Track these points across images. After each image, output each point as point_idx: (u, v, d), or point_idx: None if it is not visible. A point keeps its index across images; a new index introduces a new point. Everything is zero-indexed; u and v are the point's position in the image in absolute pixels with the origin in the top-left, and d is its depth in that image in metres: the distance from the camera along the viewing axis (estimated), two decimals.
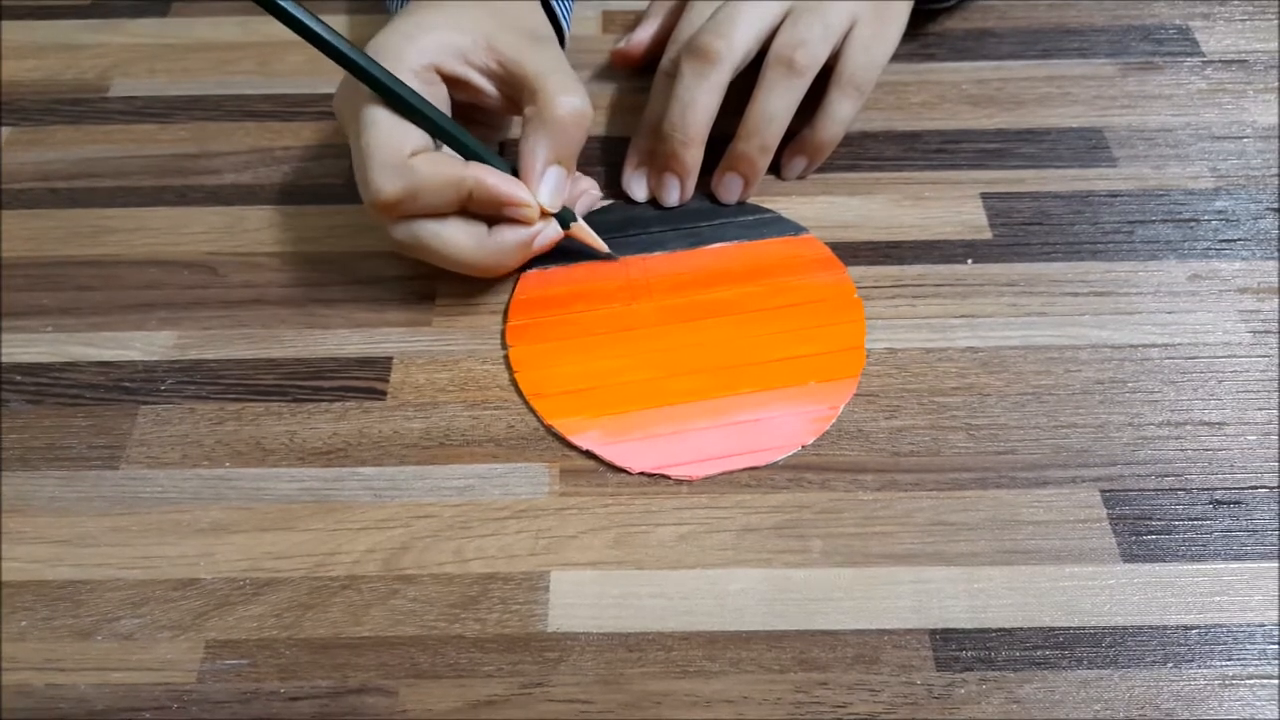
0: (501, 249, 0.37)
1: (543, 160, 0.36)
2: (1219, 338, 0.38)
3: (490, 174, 0.35)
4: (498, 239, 0.37)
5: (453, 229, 0.36)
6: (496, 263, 0.37)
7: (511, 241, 0.37)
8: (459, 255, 0.36)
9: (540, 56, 0.37)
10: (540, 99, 0.36)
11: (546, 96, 0.36)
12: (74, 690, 0.30)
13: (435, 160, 0.35)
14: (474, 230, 0.36)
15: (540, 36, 0.38)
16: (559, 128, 0.36)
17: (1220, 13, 0.50)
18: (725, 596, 0.32)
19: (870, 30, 0.41)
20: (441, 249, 0.36)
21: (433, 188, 0.34)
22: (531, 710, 0.30)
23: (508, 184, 0.36)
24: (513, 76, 0.37)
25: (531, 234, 0.37)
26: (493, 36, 0.37)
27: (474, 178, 0.35)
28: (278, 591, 0.32)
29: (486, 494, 0.34)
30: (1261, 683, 0.30)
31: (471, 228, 0.36)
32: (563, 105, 0.36)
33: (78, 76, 0.48)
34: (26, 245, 0.41)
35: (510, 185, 0.36)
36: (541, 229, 0.37)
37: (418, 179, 0.34)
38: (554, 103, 0.36)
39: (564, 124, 0.36)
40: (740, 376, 0.37)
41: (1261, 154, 0.44)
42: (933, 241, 0.41)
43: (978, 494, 0.34)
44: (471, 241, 0.36)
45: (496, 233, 0.37)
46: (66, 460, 0.35)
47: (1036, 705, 0.30)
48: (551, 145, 0.36)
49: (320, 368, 0.37)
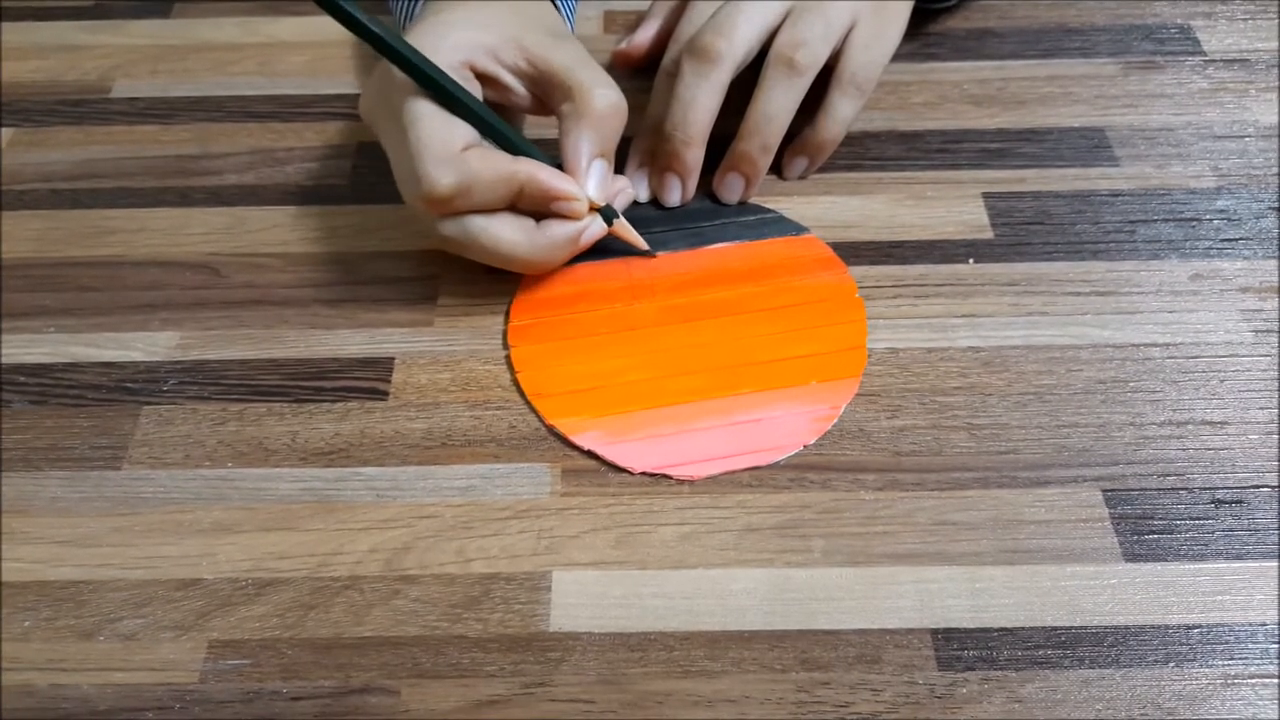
0: (552, 243, 0.37)
1: (587, 154, 0.36)
2: (1221, 337, 0.38)
3: (541, 169, 0.36)
4: (547, 234, 0.37)
5: (502, 224, 0.36)
6: (546, 258, 0.37)
7: (561, 236, 0.37)
8: (511, 250, 0.36)
9: (568, 53, 0.37)
10: (577, 95, 0.36)
11: (583, 91, 0.36)
12: (77, 690, 0.30)
13: (488, 155, 0.35)
14: (523, 225, 0.36)
15: (562, 34, 0.39)
16: (599, 121, 0.36)
17: (1222, 12, 0.50)
18: (727, 596, 0.32)
19: (871, 30, 0.41)
20: (492, 244, 0.36)
21: (486, 182, 0.34)
22: (533, 710, 0.30)
23: (559, 178, 0.36)
24: (542, 75, 0.37)
25: (580, 228, 0.37)
26: (520, 35, 0.37)
27: (526, 172, 0.35)
28: (280, 591, 0.32)
29: (488, 494, 0.34)
30: (1263, 682, 0.30)
31: (521, 223, 0.36)
32: (601, 99, 0.36)
33: (80, 77, 0.48)
34: (29, 246, 0.41)
35: (561, 180, 0.36)
36: (588, 224, 0.37)
37: (471, 172, 0.34)
38: (592, 96, 0.36)
39: (603, 117, 0.36)
40: (742, 376, 0.37)
41: (1263, 153, 0.44)
42: (934, 241, 0.41)
43: (979, 493, 0.34)
44: (522, 237, 0.36)
45: (545, 227, 0.37)
46: (69, 461, 0.35)
47: (1038, 705, 0.30)
48: (594, 139, 0.36)
49: (322, 368, 0.37)
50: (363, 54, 0.48)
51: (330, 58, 0.49)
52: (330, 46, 0.49)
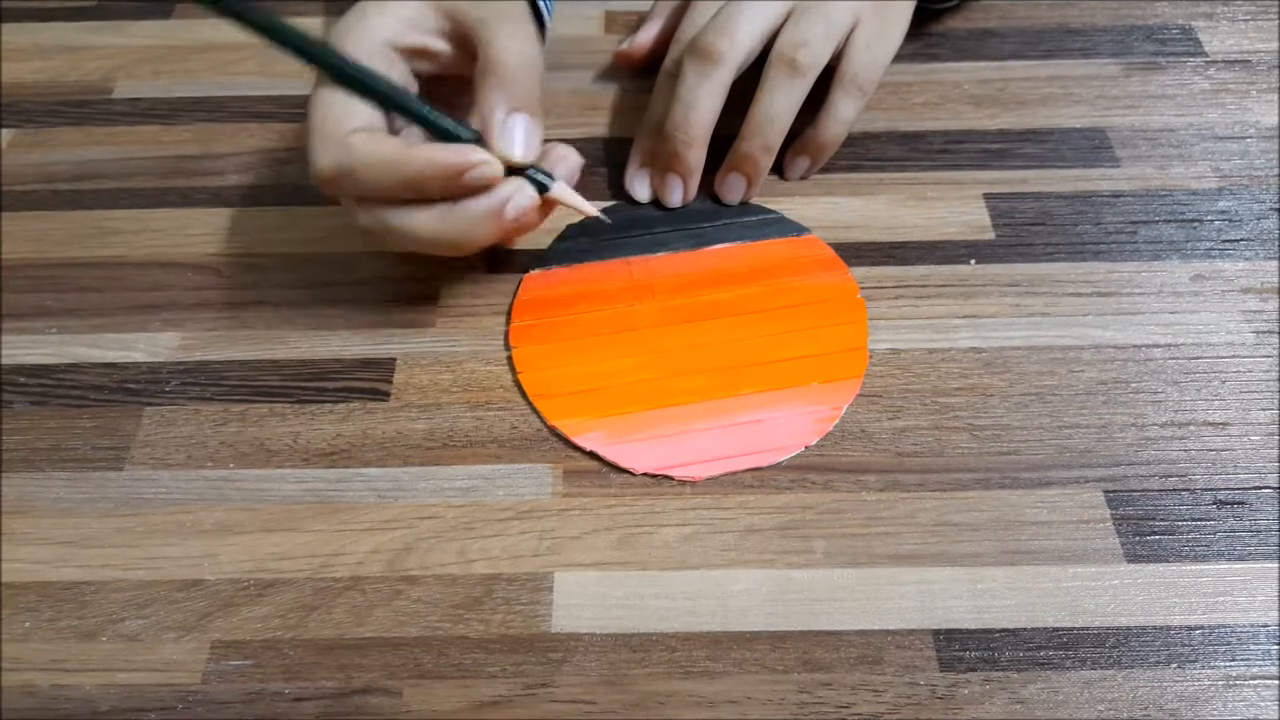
0: (470, 218, 0.34)
1: (500, 110, 0.34)
2: (1222, 338, 0.38)
3: (438, 148, 0.33)
4: (463, 209, 0.34)
5: (417, 209, 0.34)
6: (463, 235, 0.34)
7: (479, 210, 0.34)
8: (425, 231, 0.34)
9: (488, 6, 0.35)
10: (483, 47, 0.34)
11: (488, 42, 0.34)
12: (79, 691, 0.30)
13: (376, 139, 0.33)
14: (439, 206, 0.34)
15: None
16: (507, 74, 0.34)
17: (1223, 13, 0.50)
18: (729, 597, 0.32)
19: (872, 30, 0.41)
20: (405, 228, 0.34)
21: (371, 164, 0.33)
22: (535, 711, 0.30)
23: (456, 149, 0.33)
24: (461, 29, 0.35)
25: (501, 199, 0.34)
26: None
27: (422, 157, 0.33)
28: (282, 592, 0.32)
29: (490, 495, 0.34)
30: (1265, 683, 0.30)
31: (437, 205, 0.34)
32: (506, 50, 0.34)
33: (81, 78, 0.48)
34: (30, 247, 0.41)
35: (458, 150, 0.33)
36: (512, 193, 0.34)
37: (355, 156, 0.33)
38: (496, 47, 0.34)
39: (509, 68, 0.34)
40: (743, 377, 0.37)
41: (1265, 154, 0.44)
42: (936, 242, 0.41)
43: (981, 494, 0.34)
44: (434, 216, 0.34)
45: (462, 205, 0.34)
46: (71, 461, 0.35)
47: (1040, 705, 0.30)
48: (504, 93, 0.34)
49: (324, 369, 0.37)
50: None
51: None
52: None
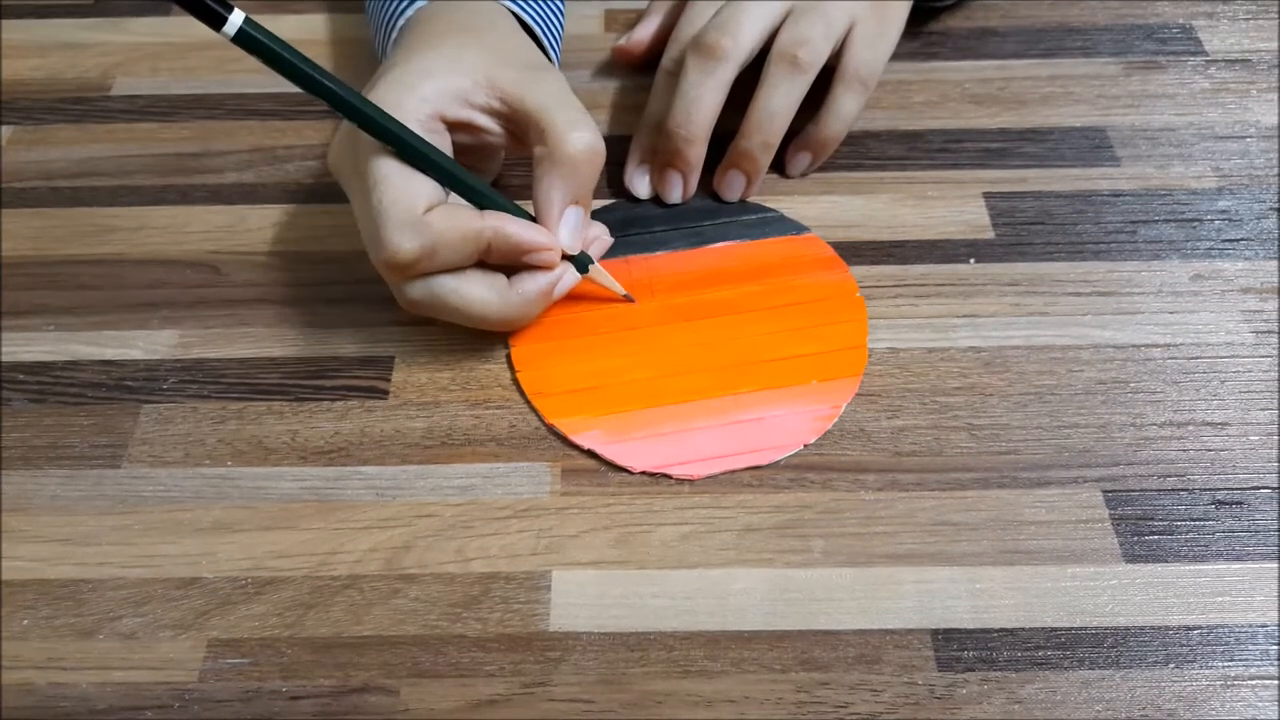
0: (525, 300, 0.35)
1: (560, 202, 0.35)
2: (1222, 338, 0.38)
3: (510, 222, 0.34)
4: (520, 289, 0.35)
5: (472, 284, 0.34)
6: (520, 314, 0.36)
7: (533, 291, 0.35)
8: (483, 310, 0.35)
9: (544, 90, 0.35)
10: (550, 137, 0.34)
11: (557, 134, 0.34)
12: (76, 689, 0.30)
13: (452, 214, 0.33)
14: (494, 282, 0.35)
15: (539, 67, 0.37)
16: (572, 166, 0.34)
17: (1223, 12, 0.50)
18: (727, 596, 0.32)
19: (871, 28, 0.41)
20: (463, 305, 0.34)
21: (451, 243, 0.33)
22: (533, 710, 0.30)
23: (528, 229, 0.34)
24: (517, 113, 0.35)
25: (553, 280, 0.36)
26: (492, 73, 0.35)
27: (492, 228, 0.34)
28: (280, 590, 0.32)
29: (488, 493, 0.34)
30: (1263, 683, 0.30)
31: (491, 280, 0.35)
32: (574, 143, 0.34)
33: (80, 75, 0.48)
34: (29, 244, 0.41)
35: (530, 230, 0.34)
36: (561, 274, 0.36)
37: (435, 235, 0.33)
38: (565, 140, 0.34)
39: (577, 162, 0.34)
40: (742, 376, 0.37)
41: (1264, 154, 0.44)
42: (935, 241, 0.41)
43: (980, 494, 0.34)
44: (493, 295, 0.35)
45: (517, 283, 0.35)
46: (69, 459, 0.35)
47: (1038, 705, 0.30)
48: (567, 185, 0.35)
49: (322, 367, 0.37)
50: (362, 53, 0.48)
51: (331, 56, 0.49)
52: (331, 45, 0.49)
